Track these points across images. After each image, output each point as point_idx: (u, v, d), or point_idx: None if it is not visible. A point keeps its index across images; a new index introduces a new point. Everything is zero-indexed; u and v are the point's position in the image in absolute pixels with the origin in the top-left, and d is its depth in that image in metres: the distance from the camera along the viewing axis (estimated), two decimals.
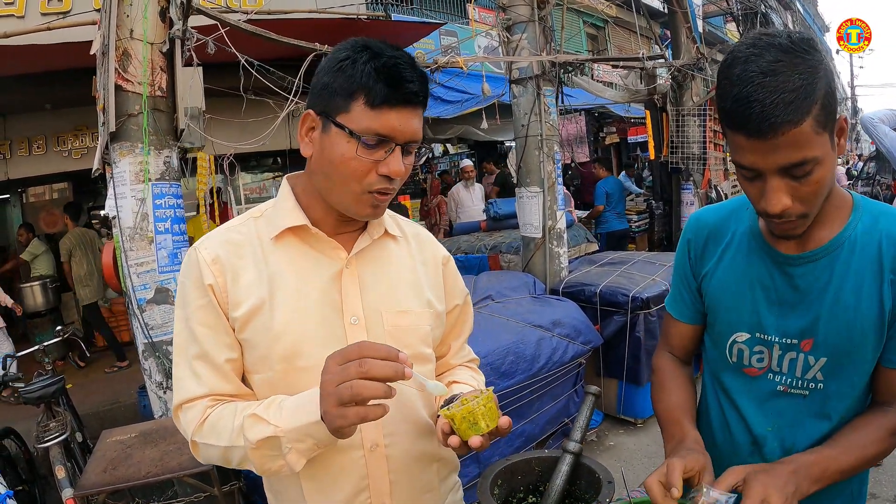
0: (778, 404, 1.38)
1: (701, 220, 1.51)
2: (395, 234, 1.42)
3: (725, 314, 1.42)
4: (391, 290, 1.36)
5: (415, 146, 1.25)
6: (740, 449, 1.45)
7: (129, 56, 3.19)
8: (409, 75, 1.17)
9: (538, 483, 1.58)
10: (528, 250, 5.49)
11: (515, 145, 5.53)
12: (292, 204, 1.32)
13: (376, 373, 1.03)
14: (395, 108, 1.17)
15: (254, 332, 1.26)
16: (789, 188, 1.14)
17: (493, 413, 1.21)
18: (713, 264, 1.45)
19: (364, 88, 1.16)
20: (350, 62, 1.17)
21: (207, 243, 1.30)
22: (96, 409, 5.74)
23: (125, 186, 3.26)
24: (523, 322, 4.07)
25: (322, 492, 1.31)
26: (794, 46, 1.08)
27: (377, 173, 1.20)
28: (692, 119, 7.22)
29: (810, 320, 1.29)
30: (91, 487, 2.67)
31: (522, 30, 5.17)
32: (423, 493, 1.42)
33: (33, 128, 7.23)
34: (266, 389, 1.28)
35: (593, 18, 15.95)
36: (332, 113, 1.19)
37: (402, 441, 1.35)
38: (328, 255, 1.31)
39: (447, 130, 9.28)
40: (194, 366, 1.27)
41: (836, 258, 1.27)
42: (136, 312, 3.33)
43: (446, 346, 1.56)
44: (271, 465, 1.19)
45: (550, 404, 4.10)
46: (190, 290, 1.28)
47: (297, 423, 1.13)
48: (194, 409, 1.27)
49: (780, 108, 1.05)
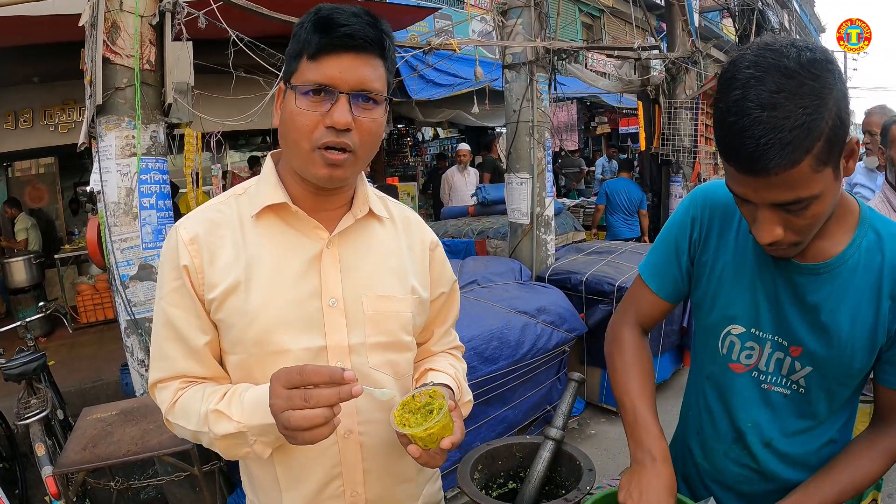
0: (761, 401, 1.37)
1: (710, 197, 1.40)
2: (381, 214, 1.38)
3: (725, 304, 1.37)
4: (373, 274, 1.33)
5: (370, 98, 1.18)
6: (723, 438, 1.45)
7: (118, 28, 3.14)
8: (344, 20, 1.13)
9: (519, 469, 1.58)
10: (516, 236, 5.50)
11: (506, 131, 5.52)
12: (274, 181, 1.29)
13: (319, 400, 1.02)
14: (333, 55, 1.13)
15: (229, 314, 1.24)
16: (782, 219, 1.10)
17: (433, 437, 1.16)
18: (719, 250, 1.38)
19: (305, 44, 1.14)
20: (299, 26, 1.17)
21: (188, 222, 1.28)
22: (78, 386, 5.70)
23: (111, 161, 3.22)
24: (508, 308, 4.07)
25: (295, 478, 1.31)
26: (802, 70, 0.98)
27: (323, 126, 1.15)
28: (684, 112, 7.21)
29: (803, 330, 1.28)
30: (71, 465, 2.66)
31: (517, 15, 5.15)
32: (398, 482, 1.40)
33: (20, 101, 7.12)
34: (241, 372, 1.27)
35: (589, 7, 15.91)
36: (287, 77, 1.19)
37: (378, 429, 1.32)
38: (309, 234, 1.28)
39: (438, 114, 9.24)
40: (167, 347, 1.27)
41: (838, 276, 1.23)
42: (119, 288, 3.30)
43: (429, 333, 1.53)
44: (237, 452, 1.21)
45: (533, 391, 4.12)
46: (166, 272, 1.26)
47: (257, 420, 1.14)
48: (167, 389, 1.28)
49: (776, 149, 0.98)
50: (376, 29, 1.17)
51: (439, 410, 1.17)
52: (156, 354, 1.29)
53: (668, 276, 1.47)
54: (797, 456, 1.35)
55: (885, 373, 1.27)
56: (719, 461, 1.46)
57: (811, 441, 1.35)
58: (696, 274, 1.43)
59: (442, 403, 1.19)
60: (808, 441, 1.35)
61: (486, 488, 1.54)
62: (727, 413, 1.43)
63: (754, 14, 10.79)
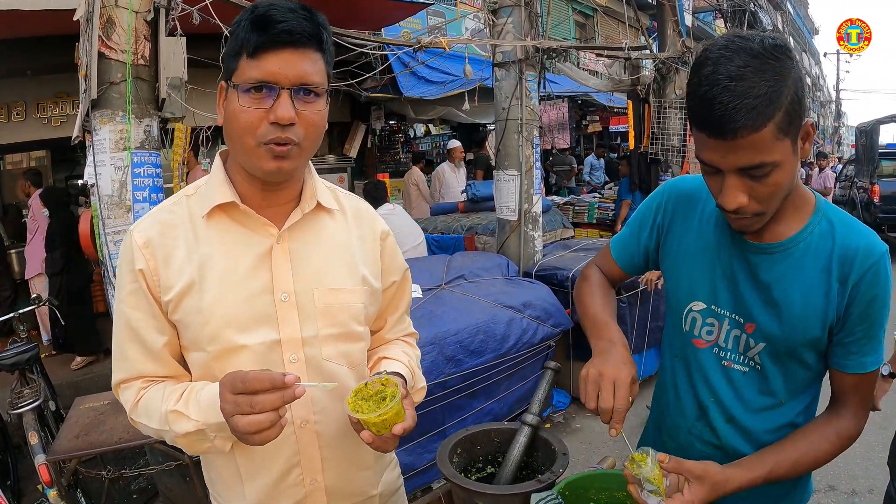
0: (721, 377, 1.45)
1: (676, 187, 1.55)
2: (330, 207, 1.40)
3: (686, 281, 1.48)
4: (324, 267, 1.35)
5: (312, 92, 1.20)
6: (688, 415, 1.53)
7: (113, 24, 3.18)
8: (281, 16, 1.15)
9: (497, 454, 1.63)
10: (504, 232, 5.56)
11: (496, 128, 5.58)
12: (222, 179, 1.30)
13: (264, 405, 1.07)
14: (272, 51, 1.15)
15: (185, 314, 1.26)
16: (746, 187, 1.19)
17: (386, 423, 1.21)
18: (682, 233, 1.50)
19: (243, 43, 1.16)
20: (236, 24, 1.19)
21: (142, 226, 1.30)
22: (69, 378, 5.72)
23: (105, 154, 3.26)
24: (495, 302, 4.12)
25: (256, 469, 1.35)
26: (765, 52, 1.11)
27: (267, 122, 1.17)
28: (674, 111, 7.26)
29: (757, 307, 1.37)
30: (63, 453, 2.69)
31: (508, 14, 5.19)
32: (357, 470, 1.45)
33: (12, 94, 7.10)
34: (200, 369, 1.30)
35: (582, 6, 15.93)
36: (228, 76, 1.21)
37: (332, 418, 1.36)
38: (258, 231, 1.31)
39: (430, 111, 9.27)
40: (127, 348, 1.30)
41: (789, 256, 1.33)
42: (111, 280, 3.34)
43: (383, 321, 1.56)
44: (199, 447, 1.26)
45: (519, 384, 4.16)
46: (123, 274, 1.29)
47: (213, 418, 1.18)
48: (130, 389, 1.31)
49: (742, 112, 1.09)
50: (313, 23, 1.19)
51: (392, 398, 1.21)
52: (117, 355, 1.32)
53: (627, 249, 1.65)
54: (759, 433, 1.42)
55: (836, 356, 1.35)
56: (684, 438, 1.55)
57: (772, 419, 1.42)
58: (662, 255, 1.56)
59: (395, 391, 1.23)
60: (769, 419, 1.42)
61: (466, 472, 1.58)
62: (692, 389, 1.51)
63: (746, 15, 10.88)
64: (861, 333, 1.30)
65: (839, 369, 1.35)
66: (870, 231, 1.31)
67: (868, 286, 1.27)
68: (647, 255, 1.60)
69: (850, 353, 1.33)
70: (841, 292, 1.29)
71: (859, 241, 1.28)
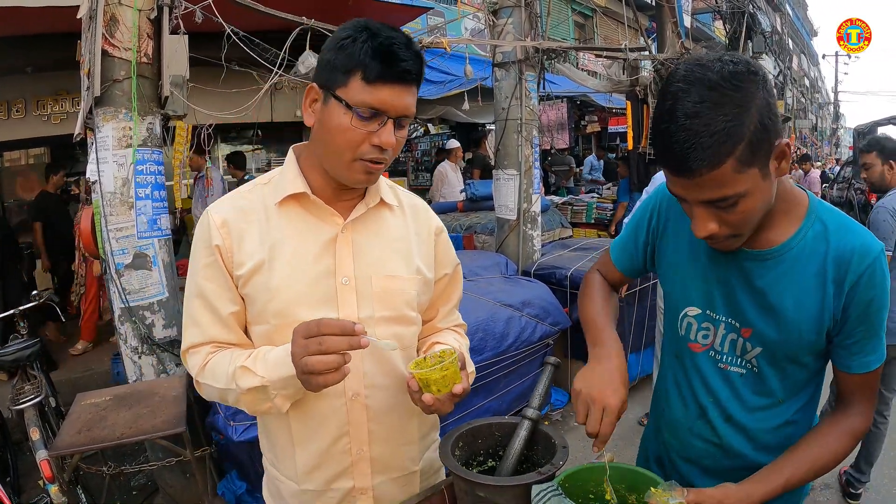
0: (719, 378, 1.47)
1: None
2: (391, 203, 1.53)
3: (682, 287, 1.50)
4: (382, 256, 1.47)
5: (407, 121, 1.34)
6: (689, 413, 1.55)
7: (117, 21, 3.20)
8: (404, 55, 1.25)
9: (498, 448, 1.64)
10: (503, 231, 5.58)
11: (495, 128, 5.59)
12: (295, 172, 1.43)
13: (332, 346, 1.16)
14: (388, 84, 1.25)
15: (254, 289, 1.39)
16: (714, 215, 1.21)
17: (446, 380, 1.32)
18: (677, 236, 1.51)
19: (361, 65, 1.24)
20: (351, 41, 1.26)
21: (218, 208, 1.43)
22: (69, 376, 5.72)
23: (107, 151, 3.28)
24: (493, 301, 4.14)
25: (308, 435, 1.46)
26: (724, 82, 1.09)
27: (370, 143, 1.28)
28: None
29: (752, 312, 1.38)
30: (65, 448, 2.69)
31: (508, 14, 5.21)
32: (401, 444, 1.56)
33: (12, 91, 7.09)
34: (263, 340, 1.42)
35: (582, 7, 15.97)
36: (333, 87, 1.29)
37: (381, 393, 1.47)
38: (326, 220, 1.43)
39: (429, 111, 9.28)
40: (199, 315, 1.42)
41: (782, 262, 1.33)
42: (113, 277, 3.36)
43: (435, 310, 1.68)
44: (260, 407, 1.35)
45: (518, 382, 4.18)
46: (199, 249, 1.42)
47: (279, 374, 1.29)
48: (198, 354, 1.43)
49: (698, 152, 1.09)
50: (420, 63, 1.32)
51: (451, 360, 1.32)
52: (188, 323, 1.44)
53: (626, 252, 1.68)
54: (757, 431, 1.44)
55: (840, 357, 1.36)
56: (685, 436, 1.57)
57: (770, 418, 1.43)
58: (658, 258, 1.58)
59: (453, 353, 1.35)
60: (767, 418, 1.43)
61: (467, 465, 1.59)
62: (691, 390, 1.53)
63: (744, 17, 10.91)
64: (861, 334, 1.31)
65: (844, 370, 1.36)
66: (864, 230, 1.31)
67: (865, 288, 1.27)
68: (644, 257, 1.63)
69: (852, 355, 1.34)
70: (837, 294, 1.29)
71: (854, 242, 1.28)
